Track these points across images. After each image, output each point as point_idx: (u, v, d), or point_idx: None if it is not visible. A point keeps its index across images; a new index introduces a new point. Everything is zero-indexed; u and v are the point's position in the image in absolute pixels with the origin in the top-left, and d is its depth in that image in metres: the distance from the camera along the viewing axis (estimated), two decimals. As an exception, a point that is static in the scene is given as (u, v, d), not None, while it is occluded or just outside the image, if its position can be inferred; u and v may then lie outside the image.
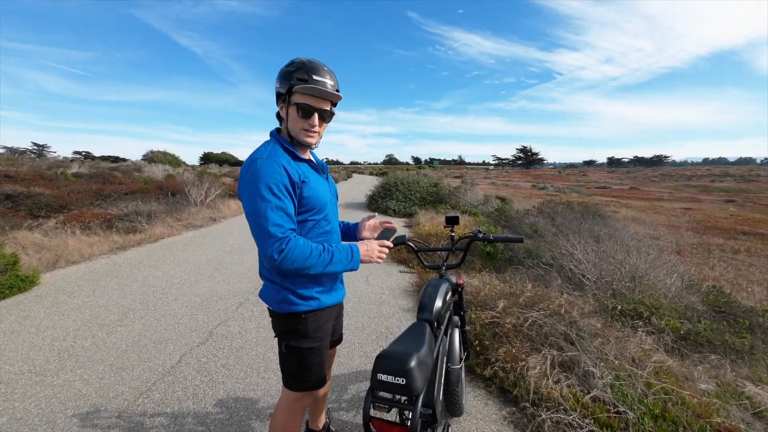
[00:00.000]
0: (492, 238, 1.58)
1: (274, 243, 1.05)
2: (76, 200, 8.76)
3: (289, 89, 1.15)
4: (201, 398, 2.07)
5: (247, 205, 1.10)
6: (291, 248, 1.06)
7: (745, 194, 24.99)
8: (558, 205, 5.89)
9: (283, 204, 1.09)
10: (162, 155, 36.56)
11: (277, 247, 1.05)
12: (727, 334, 2.79)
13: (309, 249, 1.09)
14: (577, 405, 1.88)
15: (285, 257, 1.05)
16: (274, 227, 1.06)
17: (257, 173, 1.08)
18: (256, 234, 1.09)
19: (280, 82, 1.18)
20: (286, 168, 1.11)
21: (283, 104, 1.20)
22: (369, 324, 3.07)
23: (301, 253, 1.07)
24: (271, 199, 1.07)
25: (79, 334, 2.79)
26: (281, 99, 1.20)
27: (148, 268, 4.55)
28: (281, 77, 1.17)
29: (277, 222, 1.06)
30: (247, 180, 1.11)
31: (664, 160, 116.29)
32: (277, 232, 1.06)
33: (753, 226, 11.81)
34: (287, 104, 1.18)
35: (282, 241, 1.05)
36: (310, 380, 1.28)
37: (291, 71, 1.15)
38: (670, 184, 36.41)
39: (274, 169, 1.09)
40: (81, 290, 3.72)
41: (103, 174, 14.96)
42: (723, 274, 5.93)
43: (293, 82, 1.14)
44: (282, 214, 1.08)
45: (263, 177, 1.08)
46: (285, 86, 1.16)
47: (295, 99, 1.15)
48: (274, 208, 1.06)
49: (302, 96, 1.15)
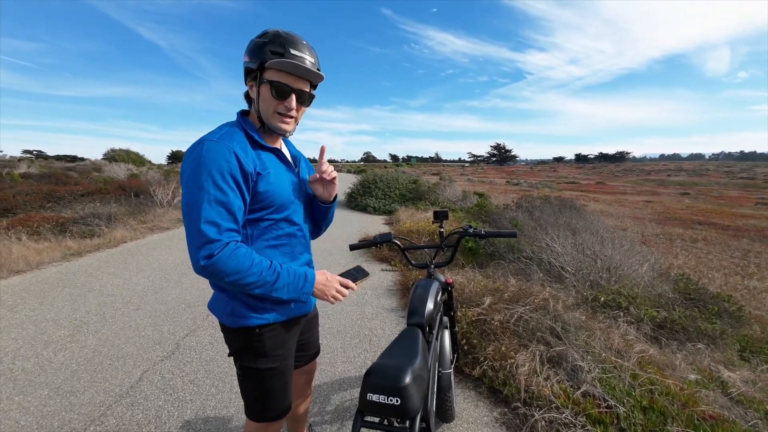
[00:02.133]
0: (484, 234, 1.47)
1: (204, 245, 0.85)
2: (23, 203, 7.96)
3: (261, 64, 0.95)
4: (165, 421, 1.84)
5: (184, 195, 0.90)
6: (224, 257, 0.86)
7: (697, 187, 27.02)
8: (536, 200, 5.99)
9: (225, 198, 0.88)
10: (125, 154, 34.36)
11: (205, 252, 0.85)
12: (699, 320, 2.89)
13: (249, 262, 0.89)
14: (569, 402, 1.84)
15: (214, 266, 0.85)
16: (208, 225, 0.86)
17: (200, 157, 0.89)
18: (187, 230, 0.88)
19: (249, 55, 0.98)
20: (238, 155, 0.92)
21: (253, 82, 1.00)
22: (351, 326, 2.93)
23: (236, 266, 0.87)
24: (211, 189, 0.87)
25: (20, 354, 2.45)
26: (251, 76, 1.00)
27: (106, 275, 4.15)
28: (251, 50, 0.97)
29: (213, 219, 0.87)
30: (188, 164, 0.91)
31: (626, 156, 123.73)
32: (210, 233, 0.86)
33: (707, 216, 12.73)
34: (258, 82, 0.98)
35: (214, 244, 0.85)
36: (271, 409, 1.10)
37: (263, 42, 0.95)
38: (632, 179, 38.70)
39: (222, 154, 0.89)
40: (25, 303, 3.30)
41: (56, 174, 13.76)
42: (686, 262, 6.29)
43: (266, 56, 0.94)
44: (222, 211, 0.88)
45: (206, 162, 0.88)
46: (256, 61, 0.96)
47: (269, 76, 0.96)
48: (212, 201, 0.87)
49: (277, 73, 0.96)
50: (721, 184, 30.57)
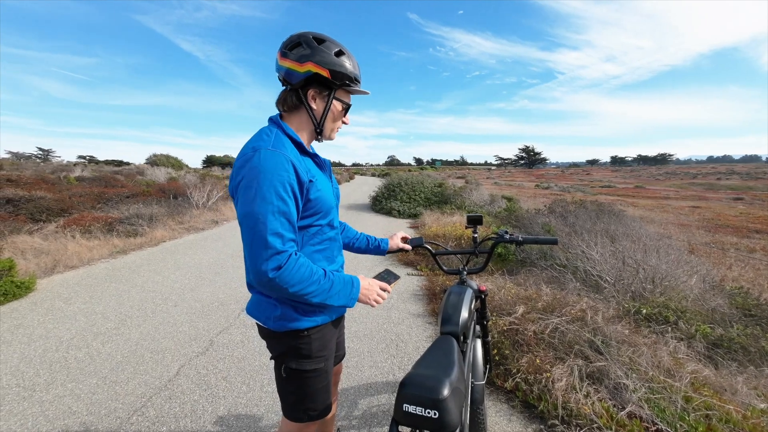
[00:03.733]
0: (522, 240, 1.40)
1: (271, 257, 0.86)
2: (78, 204, 8.68)
3: (341, 85, 1.02)
4: (200, 415, 1.91)
5: (243, 205, 0.89)
6: (290, 267, 0.87)
7: (752, 192, 24.57)
8: (570, 204, 5.69)
9: (287, 208, 0.90)
10: (165, 158, 36.62)
11: (274, 263, 0.85)
12: (762, 339, 2.60)
13: (309, 271, 0.91)
14: (612, 422, 1.71)
15: (281, 277, 0.86)
16: (274, 237, 0.87)
17: (260, 167, 0.88)
18: (250, 242, 0.88)
19: (332, 71, 0.98)
20: (294, 164, 0.92)
21: (318, 94, 1.02)
22: (378, 331, 2.91)
23: (300, 276, 0.89)
24: (274, 200, 0.87)
25: (73, 343, 2.65)
26: (322, 89, 1.02)
27: (147, 272, 4.41)
28: (335, 66, 0.99)
29: (278, 230, 0.87)
30: (245, 173, 0.90)
31: (668, 158, 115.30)
32: (277, 244, 0.87)
33: (765, 224, 11.53)
34: (330, 98, 1.03)
35: (281, 255, 0.86)
36: (314, 409, 1.11)
37: (347, 66, 1.01)
38: (675, 182, 35.97)
39: (281, 164, 0.90)
40: (78, 296, 3.58)
41: (106, 177, 14.91)
42: (742, 274, 5.70)
43: (348, 79, 1.02)
44: (284, 221, 0.89)
45: (267, 172, 0.88)
46: (339, 80, 1.01)
47: (342, 96, 1.06)
48: (276, 212, 0.87)
49: (346, 94, 1.08)
50: (782, 188, 27.66)
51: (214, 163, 60.23)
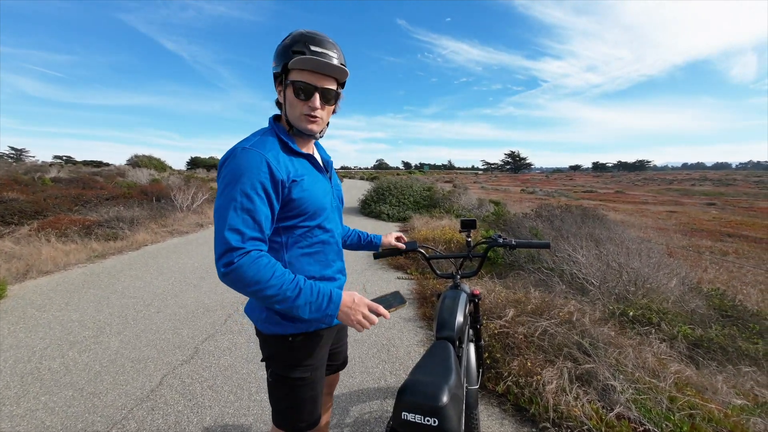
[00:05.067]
0: (515, 244, 1.41)
1: (225, 252, 0.84)
2: (53, 206, 8.30)
3: (285, 66, 0.95)
4: (184, 427, 1.83)
5: (216, 201, 0.92)
6: (243, 265, 0.83)
7: (724, 198, 25.80)
8: (556, 209, 5.83)
9: (252, 206, 0.88)
10: (147, 160, 35.53)
11: (226, 259, 0.84)
12: (739, 340, 2.70)
13: (269, 273, 0.85)
14: (602, 424, 1.73)
15: (232, 274, 0.83)
16: (231, 233, 0.85)
17: (232, 165, 0.90)
18: (214, 236, 0.88)
19: (276, 60, 0.99)
20: (270, 163, 0.91)
21: (280, 87, 1.00)
22: (369, 336, 2.88)
23: (255, 276, 0.83)
24: (238, 197, 0.87)
25: (47, 353, 2.51)
26: (278, 81, 1.00)
27: (128, 277, 4.25)
28: (277, 55, 0.98)
29: (237, 227, 0.86)
30: (221, 171, 0.94)
31: (646, 164, 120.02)
32: (232, 240, 0.84)
33: (736, 228, 12.10)
34: (284, 85, 0.98)
35: (234, 252, 0.84)
36: (301, 420, 1.07)
37: (287, 45, 0.95)
38: (653, 188, 37.38)
39: (253, 163, 0.90)
40: (52, 303, 3.41)
41: (84, 178, 14.36)
42: (717, 277, 5.94)
43: (289, 56, 0.93)
44: (247, 218, 0.87)
45: (237, 170, 0.89)
46: (280, 64, 0.96)
47: (292, 77, 0.95)
48: (238, 209, 0.87)
49: (300, 72, 0.94)
50: (751, 194, 29.13)
51: (198, 165, 58.93)
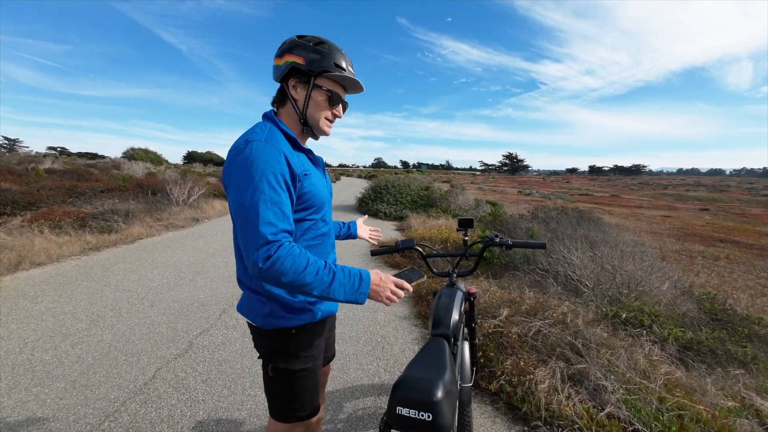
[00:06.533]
0: (511, 243, 1.43)
1: (262, 246, 0.84)
2: (47, 197, 8.20)
3: (321, 72, 1.00)
4: (177, 420, 1.83)
5: (236, 196, 0.89)
6: (281, 257, 0.83)
7: (717, 203, 26.12)
8: (552, 210, 5.87)
9: (279, 198, 0.89)
10: (143, 153, 35.18)
11: (264, 253, 0.83)
12: (728, 343, 2.75)
13: (305, 262, 0.86)
14: (592, 423, 1.76)
15: (272, 267, 0.83)
16: (266, 226, 0.85)
17: (251, 158, 0.89)
18: (243, 233, 0.87)
19: (307, 59, 0.99)
20: (287, 156, 0.92)
21: (299, 83, 1.02)
22: (363, 333, 2.89)
23: (293, 266, 0.84)
24: (266, 190, 0.87)
25: (39, 345, 2.49)
26: (299, 78, 1.01)
27: (123, 270, 4.22)
28: (311, 53, 0.99)
29: (270, 220, 0.86)
30: (237, 165, 0.91)
31: (641, 169, 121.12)
32: (268, 233, 0.85)
33: (728, 233, 12.26)
34: (310, 86, 1.01)
35: (272, 245, 0.84)
36: (303, 409, 1.09)
37: (325, 53, 1.00)
38: (648, 192, 37.73)
39: (273, 156, 0.90)
40: (45, 295, 3.38)
41: (78, 170, 14.20)
42: (708, 281, 6.03)
43: (328, 66, 0.99)
44: (277, 211, 0.88)
45: (259, 163, 0.88)
46: (316, 67, 0.99)
47: (324, 84, 1.02)
48: (268, 202, 0.87)
49: (332, 83, 1.04)
50: (743, 201, 29.51)
51: (195, 160, 58.48)
